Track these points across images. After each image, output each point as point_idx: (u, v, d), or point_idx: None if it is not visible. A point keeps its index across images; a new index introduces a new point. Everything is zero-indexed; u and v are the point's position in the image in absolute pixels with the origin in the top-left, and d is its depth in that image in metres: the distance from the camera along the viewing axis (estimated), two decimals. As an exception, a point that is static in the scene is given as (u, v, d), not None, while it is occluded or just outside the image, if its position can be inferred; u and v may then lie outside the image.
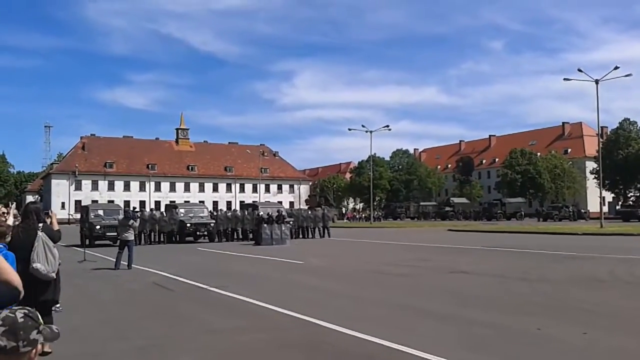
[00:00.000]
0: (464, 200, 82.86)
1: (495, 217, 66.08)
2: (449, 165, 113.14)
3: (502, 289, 10.83)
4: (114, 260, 15.98)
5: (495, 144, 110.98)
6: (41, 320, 1.78)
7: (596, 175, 65.60)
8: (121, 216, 21.78)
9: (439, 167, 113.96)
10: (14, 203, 8.44)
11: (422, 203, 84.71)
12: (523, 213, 69.28)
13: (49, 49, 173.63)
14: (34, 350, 1.71)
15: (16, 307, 1.76)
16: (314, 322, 7.71)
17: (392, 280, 12.80)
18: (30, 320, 1.71)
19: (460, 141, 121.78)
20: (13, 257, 4.45)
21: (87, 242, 23.84)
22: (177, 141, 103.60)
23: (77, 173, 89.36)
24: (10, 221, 7.27)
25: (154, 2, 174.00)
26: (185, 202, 71.71)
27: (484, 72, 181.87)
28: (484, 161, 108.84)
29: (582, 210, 67.86)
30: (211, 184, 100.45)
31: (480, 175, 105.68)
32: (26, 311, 1.74)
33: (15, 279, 2.10)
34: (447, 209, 75.33)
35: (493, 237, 29.98)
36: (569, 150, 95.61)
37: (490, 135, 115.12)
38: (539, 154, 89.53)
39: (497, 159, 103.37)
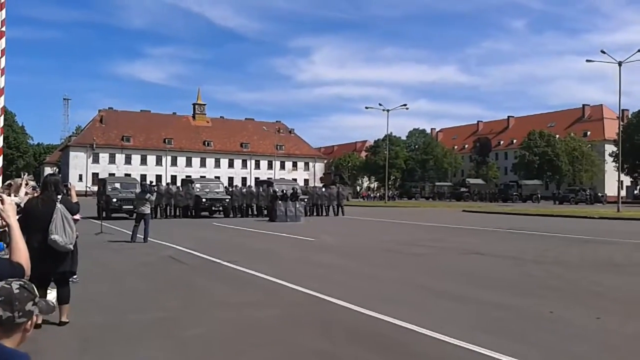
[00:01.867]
0: (480, 181, 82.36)
1: (511, 199, 65.64)
2: (466, 146, 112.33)
3: (516, 271, 10.80)
4: (130, 233, 16.19)
5: (514, 125, 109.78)
6: (37, 292, 1.79)
7: (615, 159, 64.81)
8: (138, 190, 22.00)
9: (455, 147, 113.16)
10: (26, 174, 8.50)
11: (437, 183, 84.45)
12: (540, 195, 68.72)
13: (68, 21, 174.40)
14: (29, 322, 1.73)
15: (12, 279, 1.77)
16: (327, 300, 7.76)
17: (406, 259, 12.82)
18: (26, 292, 1.73)
19: (478, 121, 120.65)
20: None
21: (104, 214, 24.14)
22: (194, 116, 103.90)
23: (94, 146, 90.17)
24: (23, 192, 7.36)
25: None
26: (201, 177, 72.23)
27: (504, 51, 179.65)
28: (501, 142, 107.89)
29: (600, 194, 67.18)
30: (227, 160, 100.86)
31: (497, 157, 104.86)
32: (22, 283, 1.75)
33: (25, 262, 2.13)
34: (463, 189, 74.93)
35: (508, 218, 29.83)
36: (589, 132, 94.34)
37: (508, 116, 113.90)
38: (557, 136, 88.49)
39: (515, 140, 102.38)
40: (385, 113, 60.03)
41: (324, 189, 35.65)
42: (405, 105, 60.84)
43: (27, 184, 7.74)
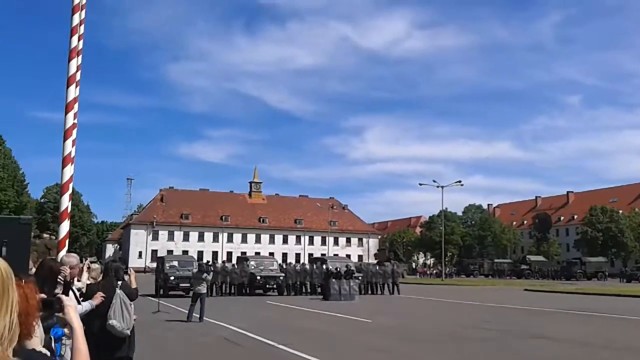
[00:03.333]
0: (541, 258, 79.35)
1: (574, 277, 62.70)
2: (525, 222, 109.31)
3: (587, 358, 10.16)
4: (187, 312, 16.27)
5: (574, 201, 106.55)
6: None
7: (686, 234, 61.53)
8: (195, 268, 22.29)
9: (514, 223, 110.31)
10: (88, 258, 8.72)
11: (496, 260, 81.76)
12: (606, 273, 65.47)
13: (133, 107, 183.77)
14: None
15: None
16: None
17: (468, 344, 12.28)
18: None
19: (537, 197, 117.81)
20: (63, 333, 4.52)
21: (162, 292, 24.46)
22: (250, 194, 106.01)
23: (155, 224, 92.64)
24: (85, 277, 7.54)
25: (233, 63, 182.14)
26: (256, 253, 72.76)
27: (559, 127, 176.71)
28: (562, 218, 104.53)
29: (672, 272, 63.32)
30: (281, 236, 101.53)
31: (558, 233, 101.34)
32: None
33: None
34: (524, 267, 72.29)
35: (573, 298, 28.40)
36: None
37: (568, 192, 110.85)
38: (621, 211, 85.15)
39: (575, 216, 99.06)
40: (440, 189, 59.62)
41: (377, 267, 35.11)
42: (459, 181, 60.40)
43: (89, 268, 7.96)
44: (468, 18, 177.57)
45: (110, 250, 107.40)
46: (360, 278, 30.58)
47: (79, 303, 5.06)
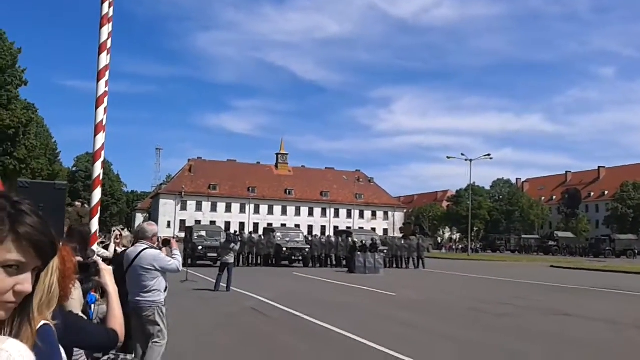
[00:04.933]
0: (569, 234, 78.38)
1: (603, 254, 61.84)
2: (554, 197, 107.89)
3: (613, 337, 10.12)
4: (214, 281, 16.60)
5: (605, 176, 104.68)
6: None
7: None
8: (223, 239, 22.64)
9: (542, 198, 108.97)
10: (117, 229, 8.86)
11: (523, 236, 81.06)
12: (636, 251, 64.46)
13: (163, 76, 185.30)
14: None
15: (116, 353, 1.85)
16: (408, 361, 7.58)
17: (490, 319, 12.31)
18: None
19: (567, 172, 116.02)
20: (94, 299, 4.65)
21: (190, 261, 24.93)
22: (276, 165, 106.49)
23: (183, 194, 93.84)
24: (112, 247, 7.79)
25: (260, 32, 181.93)
26: (282, 225, 73.41)
27: (592, 99, 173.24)
28: (592, 194, 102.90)
29: None
30: (307, 208, 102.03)
31: (587, 209, 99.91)
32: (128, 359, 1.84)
33: (120, 328, 2.21)
34: (551, 243, 71.53)
35: (601, 276, 28.11)
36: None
37: (599, 167, 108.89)
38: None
39: (606, 192, 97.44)
40: (468, 162, 59.06)
41: (403, 240, 35.15)
42: (489, 155, 59.64)
43: (120, 235, 8.19)
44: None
45: (139, 219, 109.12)
46: (385, 251, 30.71)
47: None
